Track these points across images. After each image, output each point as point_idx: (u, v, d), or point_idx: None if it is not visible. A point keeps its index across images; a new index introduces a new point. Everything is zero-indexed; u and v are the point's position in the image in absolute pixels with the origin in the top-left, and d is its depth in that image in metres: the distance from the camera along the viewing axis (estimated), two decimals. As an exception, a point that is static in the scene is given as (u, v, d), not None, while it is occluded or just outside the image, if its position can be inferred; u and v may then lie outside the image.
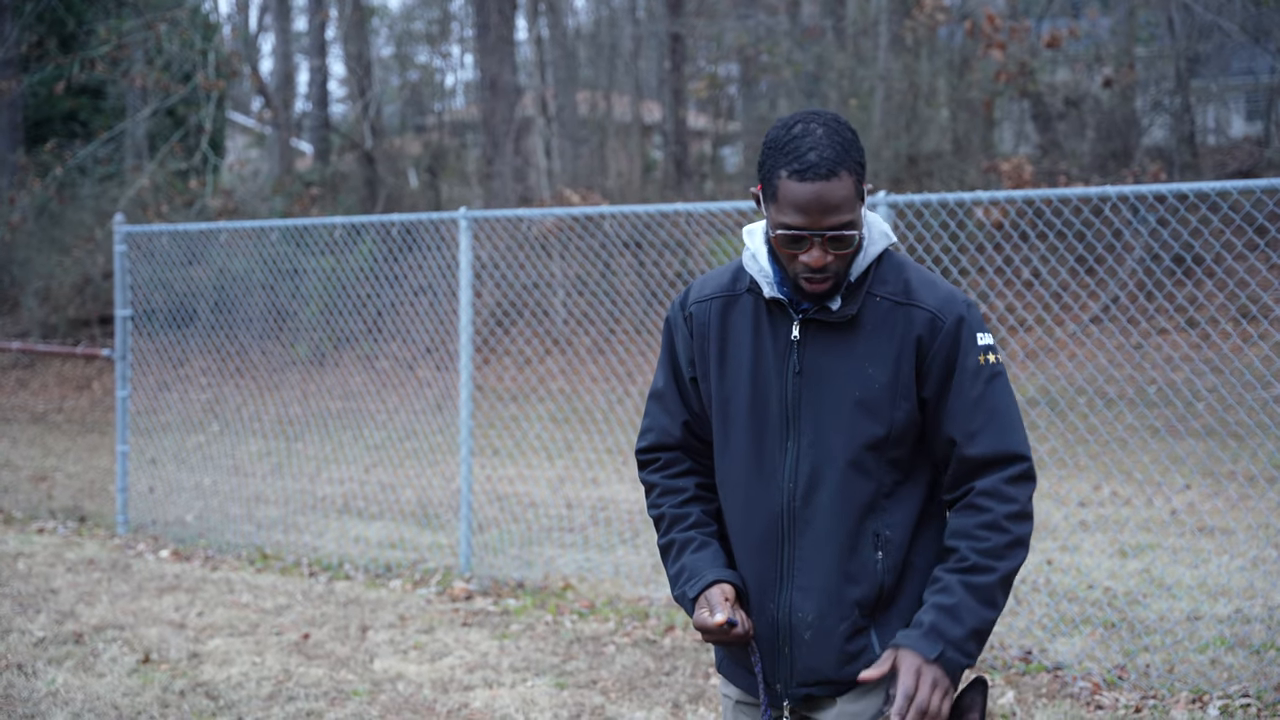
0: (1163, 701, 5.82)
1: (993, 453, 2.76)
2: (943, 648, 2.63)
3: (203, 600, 7.97)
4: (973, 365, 2.77)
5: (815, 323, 2.81)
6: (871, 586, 2.80)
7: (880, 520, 2.80)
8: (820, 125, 2.69)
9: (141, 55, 21.78)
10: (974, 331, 2.79)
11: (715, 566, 2.88)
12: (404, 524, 10.35)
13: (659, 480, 3.04)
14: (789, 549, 2.83)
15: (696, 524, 2.96)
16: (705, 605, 2.81)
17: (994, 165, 17.44)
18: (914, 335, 2.77)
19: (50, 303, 22.75)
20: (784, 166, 2.67)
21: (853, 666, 2.81)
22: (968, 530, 2.74)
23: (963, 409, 2.76)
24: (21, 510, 11.23)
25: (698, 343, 2.94)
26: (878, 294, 2.80)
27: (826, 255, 2.69)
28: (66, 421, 18.38)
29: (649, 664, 6.61)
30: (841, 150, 2.66)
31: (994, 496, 2.74)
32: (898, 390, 2.77)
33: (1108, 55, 19.65)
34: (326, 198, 23.37)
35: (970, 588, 2.68)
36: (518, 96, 22.85)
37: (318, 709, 5.91)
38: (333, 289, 13.77)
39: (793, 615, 2.82)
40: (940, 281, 2.84)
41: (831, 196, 2.64)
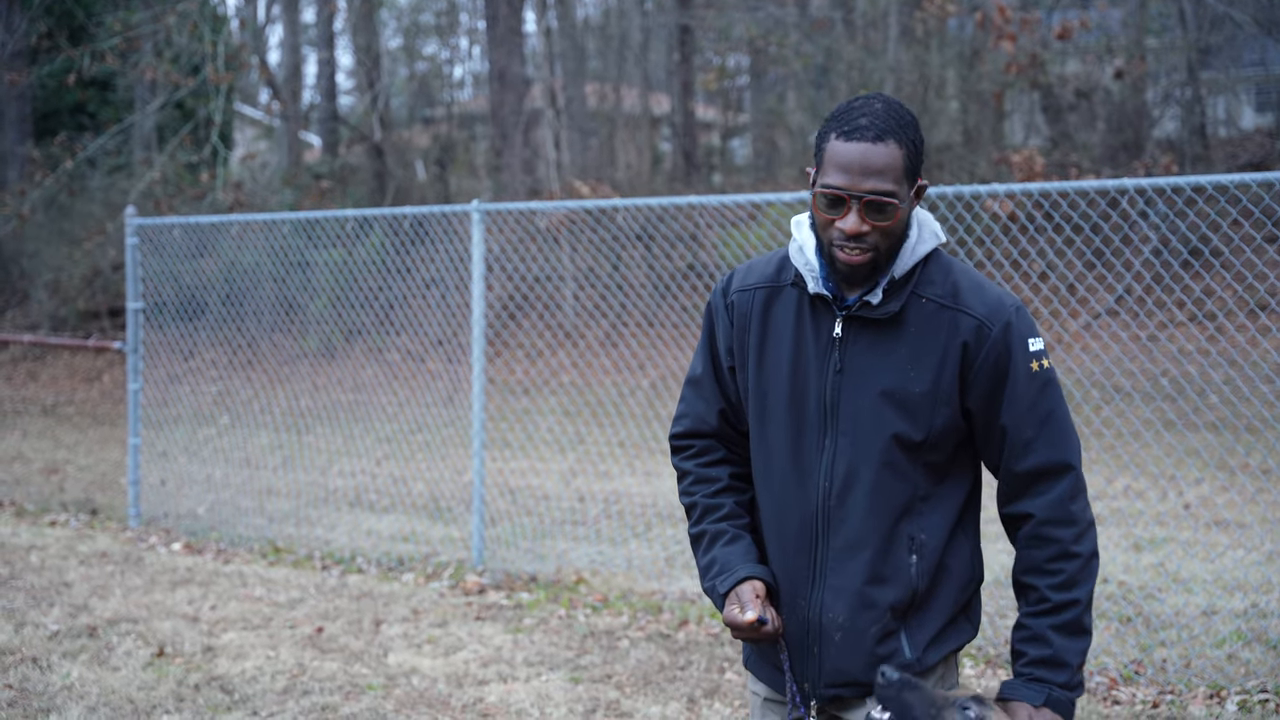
0: (1180, 697, 5.80)
1: (1046, 463, 2.73)
2: (1049, 691, 2.66)
3: (216, 594, 7.97)
4: (1024, 373, 2.73)
5: (858, 320, 2.77)
6: (904, 589, 2.77)
7: (915, 523, 2.78)
8: (880, 101, 2.69)
9: (150, 48, 21.76)
10: (1024, 338, 2.75)
11: (747, 561, 2.85)
12: (416, 517, 10.34)
13: (692, 468, 3.01)
14: (822, 548, 2.80)
15: (729, 515, 2.93)
16: (736, 602, 2.78)
17: (1005, 157, 17.38)
18: (959, 341, 2.73)
19: (60, 295, 22.76)
20: (834, 130, 2.67)
21: None
22: (1040, 565, 2.73)
23: (1014, 419, 2.73)
24: (33, 503, 11.23)
25: (738, 332, 2.90)
26: (924, 295, 2.76)
27: (863, 223, 2.64)
28: (77, 414, 18.39)
29: (663, 658, 6.59)
30: (894, 122, 2.65)
31: (1057, 523, 2.72)
32: (939, 396, 2.73)
33: (1119, 47, 19.59)
34: (335, 190, 23.35)
35: (1060, 629, 2.70)
36: (526, 88, 22.81)
37: (333, 703, 5.90)
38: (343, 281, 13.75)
39: (823, 615, 2.80)
40: (989, 285, 2.79)
41: (874, 159, 2.62)
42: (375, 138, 24.19)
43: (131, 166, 23.47)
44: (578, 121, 24.39)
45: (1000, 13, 17.11)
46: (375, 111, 24.37)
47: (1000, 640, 6.67)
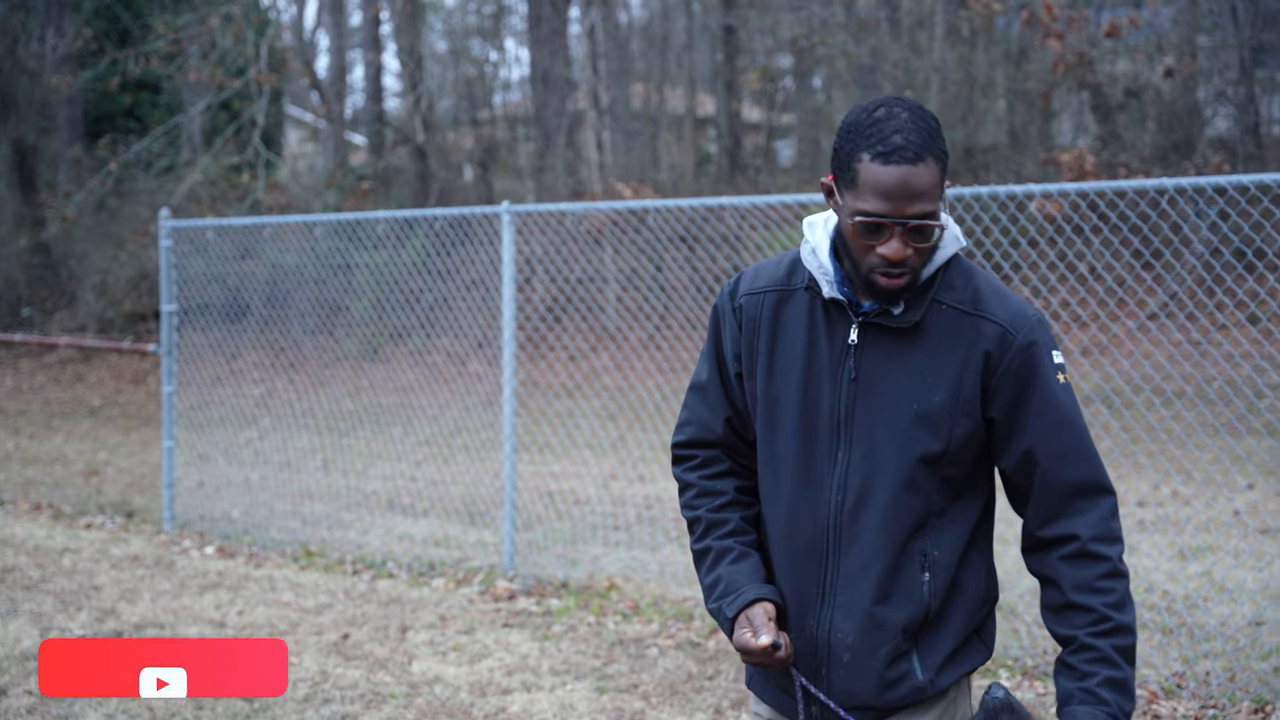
0: (1223, 711, 5.62)
1: (1085, 480, 2.61)
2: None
3: (244, 598, 7.92)
4: (1054, 384, 2.61)
5: (875, 327, 2.64)
6: (917, 609, 2.64)
7: (929, 540, 2.65)
8: (905, 110, 2.53)
9: (196, 50, 21.87)
10: (1049, 349, 2.64)
11: (754, 582, 2.72)
12: (450, 521, 10.27)
13: (696, 480, 2.88)
14: (832, 566, 2.67)
15: (735, 531, 2.80)
16: (747, 625, 2.65)
17: (1053, 157, 17.13)
18: (981, 349, 2.60)
19: (106, 297, 22.90)
20: (866, 150, 2.51)
21: (893, 692, 2.65)
22: (1093, 584, 2.59)
23: (1047, 429, 2.61)
24: (71, 505, 11.24)
25: (746, 337, 2.77)
26: (944, 301, 2.64)
27: (906, 248, 2.52)
28: (121, 415, 18.47)
29: (692, 668, 6.47)
30: (928, 136, 2.51)
31: (1105, 540, 2.61)
32: (959, 405, 2.61)
33: (1169, 45, 19.28)
34: (379, 192, 23.38)
35: (1123, 652, 2.57)
36: (570, 90, 22.75)
37: (353, 712, 5.82)
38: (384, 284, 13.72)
39: (832, 635, 2.67)
40: (1010, 293, 2.67)
41: (917, 183, 2.48)
42: (419, 140, 24.20)
43: (178, 169, 23.60)
44: (622, 123, 24.30)
45: (1048, 10, 16.87)
46: (419, 113, 24.37)
47: (1038, 651, 6.50)
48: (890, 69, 20.26)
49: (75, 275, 23.97)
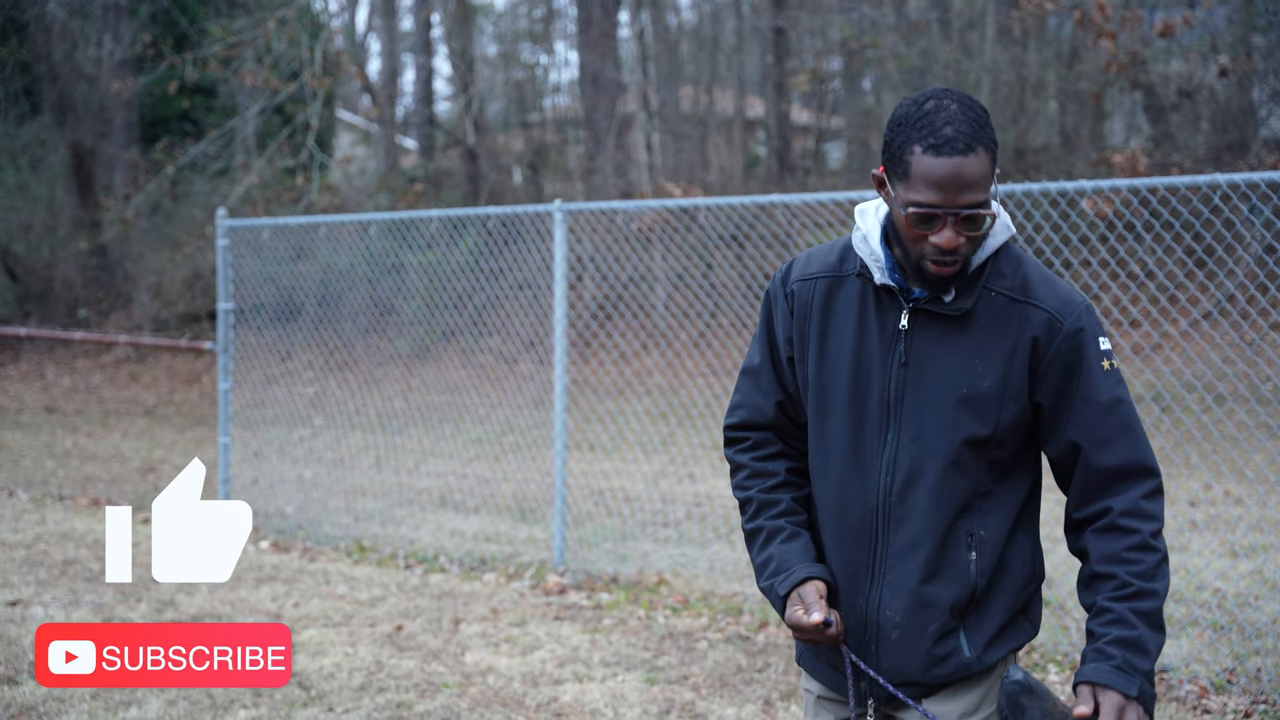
0: (1274, 707, 5.62)
1: (1127, 463, 2.65)
2: (1140, 684, 2.54)
3: (299, 591, 8.03)
4: (1099, 370, 2.66)
5: (925, 313, 2.70)
6: (964, 588, 2.69)
7: (976, 520, 2.70)
8: (954, 101, 2.59)
9: (251, 54, 22.11)
10: (1096, 335, 2.68)
11: (806, 560, 2.78)
12: (500, 518, 10.36)
13: (748, 461, 2.94)
14: (881, 545, 2.72)
15: (786, 512, 2.86)
16: (799, 603, 2.71)
17: (1105, 158, 17.04)
18: (1030, 335, 2.65)
19: (162, 298, 23.19)
20: (918, 142, 2.56)
21: (940, 669, 2.70)
22: (1118, 555, 2.62)
23: (1091, 415, 2.65)
24: (128, 501, 11.41)
25: (798, 322, 2.83)
26: (994, 289, 2.69)
27: (959, 236, 2.58)
28: (176, 414, 18.71)
29: (741, 660, 6.52)
30: (977, 126, 2.56)
31: (1137, 515, 2.64)
32: (1007, 390, 2.65)
33: (1224, 44, 19.12)
34: (430, 194, 23.54)
35: (1143, 615, 2.58)
36: (620, 92, 22.82)
37: (408, 700, 5.91)
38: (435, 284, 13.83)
39: (881, 613, 2.72)
40: (1059, 280, 2.72)
41: (968, 173, 2.54)
42: (469, 142, 24.35)
43: (233, 171, 23.87)
44: (671, 125, 24.35)
45: (1100, 10, 16.78)
46: (469, 116, 24.53)
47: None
48: (941, 70, 20.21)
49: (131, 277, 24.29)
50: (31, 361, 23.84)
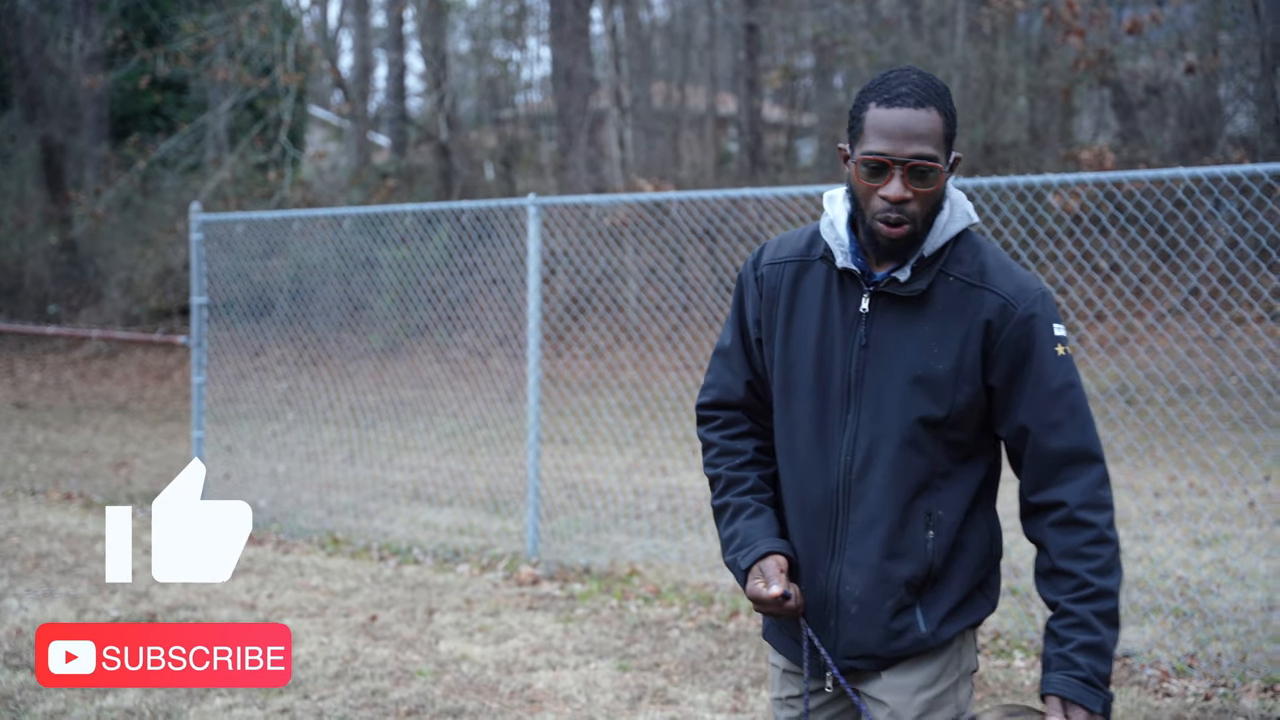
0: (1233, 690, 5.73)
1: (1073, 448, 2.73)
2: (1104, 697, 2.65)
3: (273, 583, 8.08)
4: (1051, 355, 2.74)
5: (885, 296, 2.78)
6: (920, 565, 2.78)
7: (933, 499, 2.78)
8: (915, 72, 2.70)
9: (223, 49, 22.08)
10: (1049, 321, 2.76)
11: (768, 536, 2.86)
12: (474, 510, 10.42)
13: (718, 440, 3.03)
14: (842, 522, 2.81)
15: (752, 489, 2.95)
16: (760, 576, 2.80)
17: (1073, 154, 17.20)
18: (983, 319, 2.73)
19: (133, 293, 23.14)
20: (873, 99, 2.68)
21: (897, 643, 2.79)
22: (1077, 551, 2.71)
23: (1042, 399, 2.73)
24: (101, 495, 11.43)
25: (766, 305, 2.92)
26: (951, 274, 2.77)
27: (906, 190, 2.66)
28: (147, 410, 18.69)
29: (712, 648, 6.60)
30: (932, 90, 2.67)
31: (1092, 507, 2.72)
32: (961, 373, 2.74)
33: (1190, 42, 19.31)
34: (402, 190, 23.55)
35: (1103, 616, 2.68)
36: (592, 88, 22.88)
37: (382, 688, 5.97)
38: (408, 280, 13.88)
39: (841, 588, 2.81)
40: (1016, 267, 2.80)
41: (917, 125, 2.64)
42: (442, 138, 24.37)
43: (204, 167, 23.83)
44: (643, 121, 24.41)
45: (1069, 8, 16.94)
46: (442, 112, 24.55)
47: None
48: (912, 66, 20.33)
49: (102, 272, 24.22)
50: (0, 358, 23.75)
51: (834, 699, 2.93)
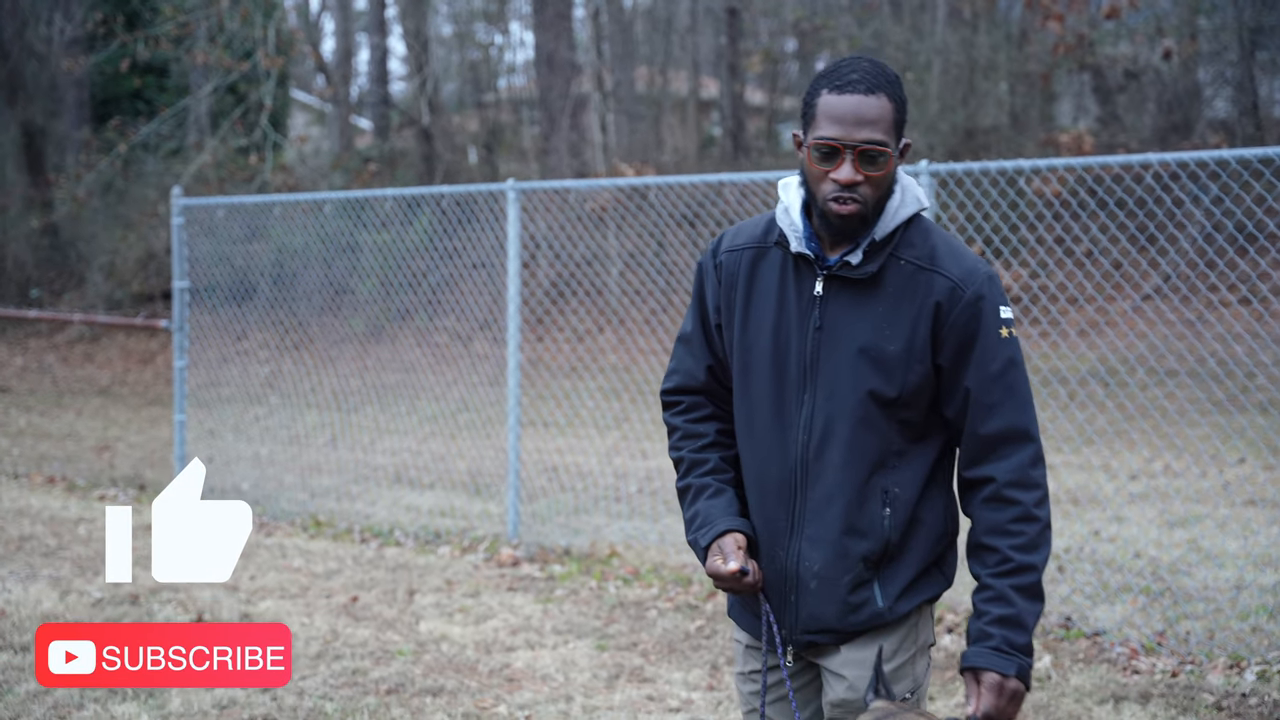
0: (1200, 667, 5.83)
1: (1008, 428, 2.82)
2: (1018, 661, 2.73)
3: (255, 564, 8.14)
4: (995, 337, 2.81)
5: (838, 280, 2.86)
6: (877, 541, 2.86)
7: (889, 477, 2.86)
8: (867, 60, 2.79)
9: (204, 33, 22.04)
10: (995, 304, 2.83)
11: (728, 515, 2.95)
12: (455, 493, 10.49)
13: (681, 424, 3.10)
14: (800, 500, 2.89)
15: (714, 470, 3.03)
16: (719, 553, 2.88)
17: (1052, 138, 17.29)
18: (933, 301, 2.81)
19: (115, 278, 23.11)
20: (825, 86, 2.77)
21: (855, 617, 2.87)
22: (1002, 527, 2.79)
23: (983, 379, 2.81)
24: (84, 478, 11.47)
25: (725, 291, 3.00)
26: (902, 257, 2.85)
27: (857, 174, 2.74)
28: (130, 394, 18.71)
29: (689, 628, 6.69)
30: (882, 77, 2.75)
31: (1019, 486, 2.80)
32: (912, 353, 2.82)
33: (1169, 27, 19.42)
34: (385, 174, 23.55)
35: (1022, 590, 2.76)
36: (574, 72, 22.90)
37: (363, 667, 6.04)
38: (390, 264, 13.91)
39: (800, 564, 2.89)
40: (966, 251, 2.88)
41: (867, 110, 2.72)
42: (424, 122, 24.38)
43: (186, 151, 23.80)
44: (625, 106, 24.44)
45: (1048, -8, 17.03)
46: (424, 96, 24.55)
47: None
48: (892, 51, 20.41)
49: (84, 257, 24.18)
50: (-17, 342, 23.72)
51: (795, 673, 3.02)
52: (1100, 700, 5.46)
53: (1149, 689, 5.59)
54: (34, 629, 6.58)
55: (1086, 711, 5.35)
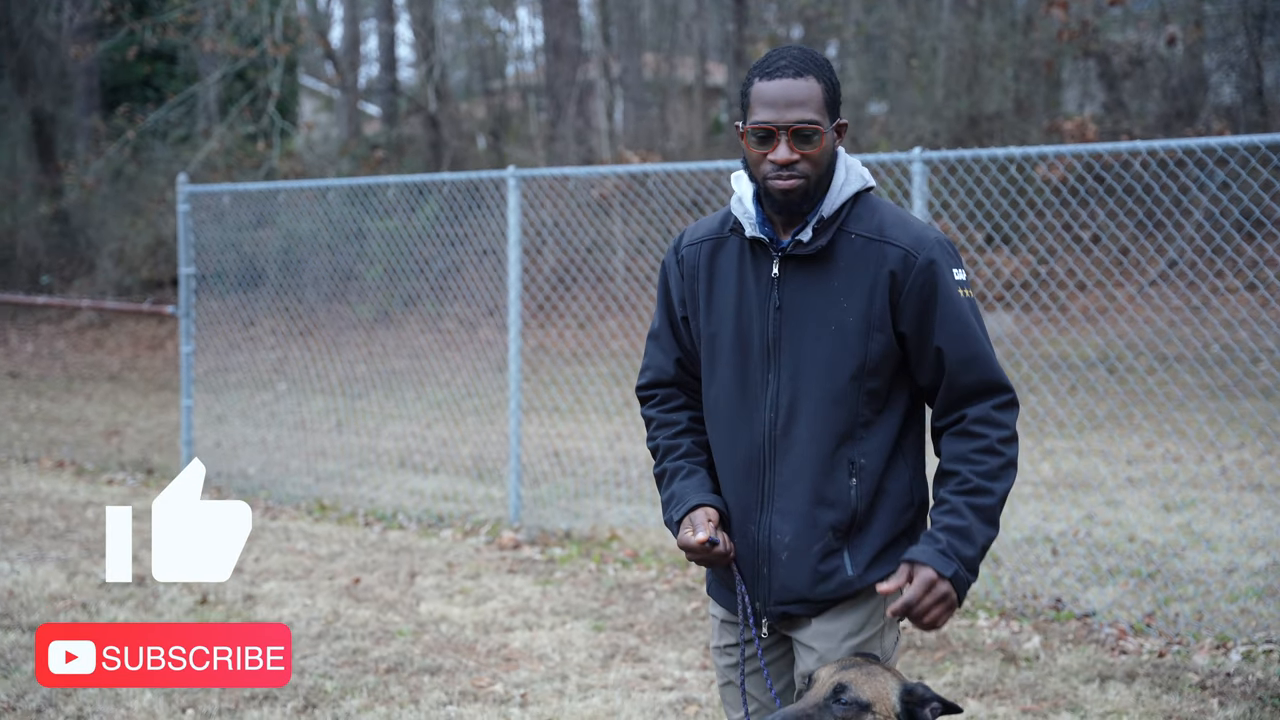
0: (1186, 647, 5.92)
1: (981, 381, 2.93)
2: (957, 567, 2.81)
3: (260, 547, 8.25)
4: (955, 298, 2.93)
5: (794, 260, 2.97)
6: (845, 511, 2.96)
7: (856, 448, 2.96)
8: (796, 48, 2.95)
9: (211, 20, 22.13)
10: (950, 266, 2.94)
11: (700, 491, 3.06)
12: (459, 478, 10.59)
13: (655, 414, 3.23)
14: (770, 475, 3.00)
15: (686, 454, 3.14)
16: (689, 526, 3.01)
17: (1056, 125, 17.32)
18: (887, 271, 2.92)
19: (125, 264, 23.24)
20: (757, 75, 2.93)
21: (825, 586, 2.97)
22: (965, 455, 2.90)
23: (951, 338, 2.92)
24: (93, 463, 11.59)
25: (688, 283, 3.12)
26: (852, 231, 2.96)
27: (793, 152, 2.88)
28: (140, 379, 18.84)
29: (685, 609, 6.79)
30: (810, 61, 2.91)
31: (986, 423, 2.91)
32: (871, 323, 2.93)
33: (1174, 13, 19.42)
34: (392, 160, 23.64)
35: (976, 510, 2.86)
36: (581, 59, 22.96)
37: (363, 647, 6.15)
38: (396, 251, 14.00)
39: (771, 537, 2.99)
40: (913, 220, 3.00)
41: (796, 93, 2.88)
42: (431, 109, 24.45)
43: (195, 138, 23.90)
44: (632, 92, 24.48)
45: (1053, -21, 17.04)
46: (431, 83, 24.62)
47: (1017, 595, 6.80)
48: (898, 38, 20.44)
49: (93, 243, 24.31)
50: (-6, 328, 23.88)
51: (769, 646, 3.12)
52: (1086, 679, 5.55)
53: (1135, 668, 5.68)
54: (41, 609, 6.70)
55: (1072, 690, 5.44)
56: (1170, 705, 5.24)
